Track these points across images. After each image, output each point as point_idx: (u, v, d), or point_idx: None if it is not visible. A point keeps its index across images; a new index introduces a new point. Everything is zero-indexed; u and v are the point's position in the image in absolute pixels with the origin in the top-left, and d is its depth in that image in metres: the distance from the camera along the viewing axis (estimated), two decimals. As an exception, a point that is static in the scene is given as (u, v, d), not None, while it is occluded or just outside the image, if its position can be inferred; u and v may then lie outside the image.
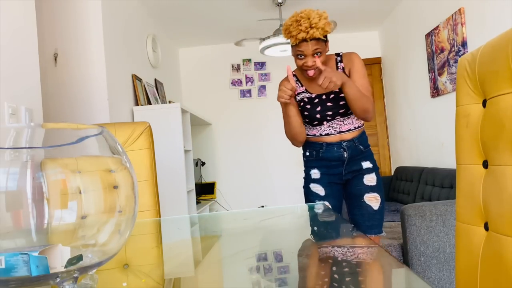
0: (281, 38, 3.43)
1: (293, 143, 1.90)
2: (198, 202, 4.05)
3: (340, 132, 1.80)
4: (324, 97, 1.79)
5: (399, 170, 4.03)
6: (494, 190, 0.67)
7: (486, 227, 0.70)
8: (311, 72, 1.72)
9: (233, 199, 4.90)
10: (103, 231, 0.55)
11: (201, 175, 4.71)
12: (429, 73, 3.47)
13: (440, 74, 3.26)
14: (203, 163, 4.89)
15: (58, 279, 0.47)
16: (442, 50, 3.19)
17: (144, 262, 0.76)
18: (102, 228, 0.55)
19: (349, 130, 1.81)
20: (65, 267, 0.48)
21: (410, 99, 4.04)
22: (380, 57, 4.87)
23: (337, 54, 1.84)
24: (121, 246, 0.55)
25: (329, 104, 1.78)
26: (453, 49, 3.01)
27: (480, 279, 0.70)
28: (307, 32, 1.62)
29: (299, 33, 1.64)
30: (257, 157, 4.94)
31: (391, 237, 2.54)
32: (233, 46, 4.93)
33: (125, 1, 3.23)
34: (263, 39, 3.55)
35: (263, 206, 4.61)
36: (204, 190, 4.73)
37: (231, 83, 5.00)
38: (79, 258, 0.49)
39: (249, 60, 4.98)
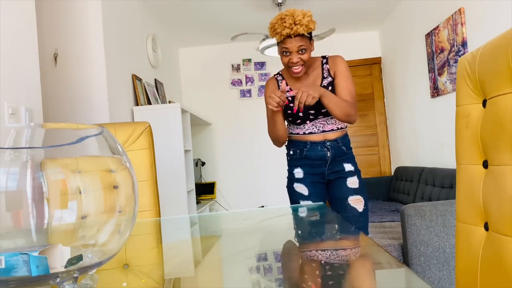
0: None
1: (274, 143, 1.93)
2: (198, 202, 4.05)
3: (324, 131, 1.83)
4: None
5: (399, 170, 4.03)
6: (494, 190, 0.67)
7: (486, 227, 0.70)
8: (296, 69, 1.75)
9: (233, 199, 4.90)
10: (103, 231, 0.55)
11: (201, 175, 4.71)
12: (429, 73, 3.47)
13: (440, 74, 3.26)
14: (203, 163, 4.89)
15: (58, 279, 0.47)
16: (442, 50, 3.19)
17: (144, 262, 0.76)
18: (102, 228, 0.55)
19: (332, 130, 1.84)
20: (65, 267, 0.48)
21: (410, 99, 4.04)
22: (380, 57, 4.87)
23: (323, 57, 1.88)
24: (121, 246, 0.55)
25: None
26: (453, 49, 3.01)
27: (480, 279, 0.70)
28: (291, 28, 1.67)
29: (283, 30, 1.68)
30: (257, 157, 4.94)
31: (391, 237, 2.54)
32: (233, 46, 4.93)
33: (125, 1, 3.23)
34: (263, 39, 3.55)
35: (263, 206, 4.61)
36: (204, 190, 4.73)
37: (231, 83, 5.00)
38: (79, 258, 0.49)
39: (249, 60, 4.98)
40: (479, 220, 0.72)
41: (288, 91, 1.85)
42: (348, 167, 1.85)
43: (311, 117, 1.82)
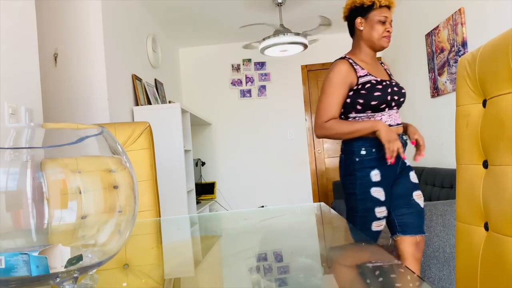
0: (281, 38, 3.43)
1: (323, 138, 1.72)
2: (198, 202, 4.05)
3: (398, 124, 1.70)
4: (388, 82, 1.71)
5: (399, 170, 4.02)
6: (494, 190, 0.67)
7: (486, 227, 0.70)
8: (389, 39, 1.75)
9: (233, 199, 4.90)
10: (103, 231, 0.55)
11: (201, 175, 4.71)
12: (429, 73, 3.47)
13: (440, 74, 3.26)
14: (203, 163, 4.89)
15: (58, 279, 0.47)
16: (442, 50, 3.19)
17: (144, 262, 0.76)
18: (102, 228, 0.55)
19: (400, 124, 1.73)
20: (65, 267, 0.48)
21: (410, 99, 4.04)
22: (380, 57, 4.87)
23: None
24: (121, 246, 0.55)
25: (396, 89, 1.70)
26: (453, 49, 3.00)
27: (480, 279, 0.70)
28: None
29: None
30: (257, 157, 4.94)
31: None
32: (233, 46, 4.94)
33: (125, 1, 3.23)
34: (263, 39, 3.55)
35: (263, 206, 4.61)
36: (204, 190, 4.73)
37: (231, 83, 5.00)
38: (79, 258, 0.49)
39: (249, 60, 4.98)
40: (479, 220, 0.72)
41: (366, 75, 1.71)
42: (407, 162, 1.72)
43: (393, 103, 1.68)
